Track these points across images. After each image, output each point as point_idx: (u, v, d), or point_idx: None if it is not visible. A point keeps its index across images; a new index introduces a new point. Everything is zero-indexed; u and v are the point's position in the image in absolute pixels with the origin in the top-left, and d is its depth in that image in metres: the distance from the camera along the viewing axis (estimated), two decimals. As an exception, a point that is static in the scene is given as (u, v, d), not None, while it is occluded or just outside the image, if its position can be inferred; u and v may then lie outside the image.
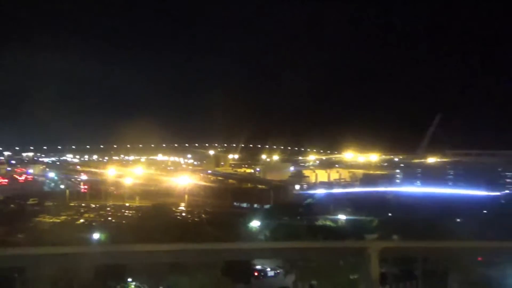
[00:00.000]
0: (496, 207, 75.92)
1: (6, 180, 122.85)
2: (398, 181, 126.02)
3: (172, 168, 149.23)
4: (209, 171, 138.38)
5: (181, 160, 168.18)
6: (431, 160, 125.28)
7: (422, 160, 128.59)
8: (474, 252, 5.21)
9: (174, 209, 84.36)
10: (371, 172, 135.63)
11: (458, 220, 59.27)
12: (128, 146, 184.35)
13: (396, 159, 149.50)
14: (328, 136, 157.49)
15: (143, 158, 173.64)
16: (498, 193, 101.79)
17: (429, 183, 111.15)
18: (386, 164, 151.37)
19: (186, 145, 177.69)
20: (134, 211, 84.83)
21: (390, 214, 67.57)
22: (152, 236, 44.65)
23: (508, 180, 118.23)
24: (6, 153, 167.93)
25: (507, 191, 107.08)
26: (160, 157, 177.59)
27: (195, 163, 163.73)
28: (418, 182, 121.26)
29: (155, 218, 63.96)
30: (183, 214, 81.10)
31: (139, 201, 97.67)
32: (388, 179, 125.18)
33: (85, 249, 5.16)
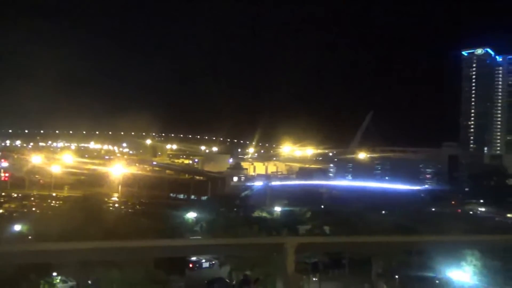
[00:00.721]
0: (416, 201, 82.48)
1: None
2: (331, 175, 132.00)
3: (105, 157, 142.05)
4: (145, 161, 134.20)
5: (116, 148, 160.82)
6: (362, 155, 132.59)
7: (354, 156, 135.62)
8: (391, 245, 5.55)
9: (106, 199, 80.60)
10: (307, 165, 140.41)
11: (384, 212, 63.54)
12: (57, 132, 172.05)
13: (330, 154, 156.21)
14: (266, 129, 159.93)
15: (73, 146, 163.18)
16: (418, 188, 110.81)
17: (359, 177, 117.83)
18: (321, 158, 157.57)
19: (122, 133, 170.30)
20: (61, 202, 79.54)
21: (322, 206, 70.48)
22: (81, 228, 42.30)
23: (427, 176, 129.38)
24: None
25: (426, 186, 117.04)
26: (92, 145, 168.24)
27: (131, 152, 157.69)
28: (349, 176, 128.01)
29: (85, 209, 60.59)
30: (116, 205, 77.77)
31: (68, 191, 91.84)
32: (323, 173, 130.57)
33: (6, 249, 4.63)
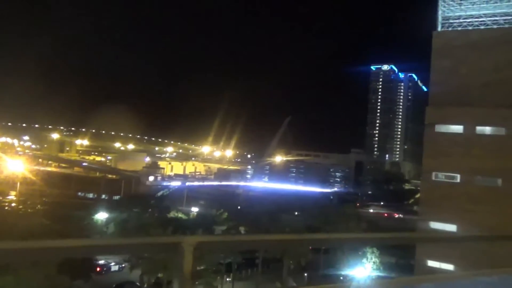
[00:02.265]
0: (326, 202, 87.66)
1: None
2: (249, 176, 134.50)
3: (1, 149, 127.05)
4: (50, 156, 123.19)
5: (15, 141, 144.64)
6: (278, 158, 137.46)
7: (271, 158, 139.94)
8: (296, 243, 5.77)
9: (0, 198, 72.25)
10: (225, 166, 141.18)
11: (296, 213, 66.41)
12: None
13: (249, 156, 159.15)
14: (186, 129, 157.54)
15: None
16: (328, 190, 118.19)
17: (275, 179, 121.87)
18: (239, 160, 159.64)
19: (23, 125, 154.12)
20: None
21: (239, 207, 71.37)
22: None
23: (336, 179, 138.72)
24: None
25: (335, 189, 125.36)
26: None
27: (33, 146, 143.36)
28: (266, 178, 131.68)
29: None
30: (13, 204, 70.02)
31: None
32: (240, 174, 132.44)
33: None
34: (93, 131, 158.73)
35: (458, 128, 40.80)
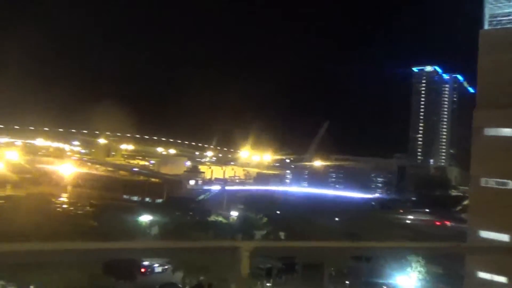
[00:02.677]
0: (367, 208, 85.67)
1: None
2: (287, 181, 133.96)
3: (54, 154, 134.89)
4: (98, 161, 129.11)
5: (66, 146, 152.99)
6: (317, 163, 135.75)
7: (310, 163, 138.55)
8: (342, 251, 5.77)
9: (53, 200, 76.56)
10: (264, 171, 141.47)
11: (337, 219, 65.36)
12: (1, 126, 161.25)
13: (287, 160, 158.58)
14: (225, 134, 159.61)
15: (18, 142, 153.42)
16: (370, 196, 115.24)
17: (315, 184, 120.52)
18: (278, 164, 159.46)
19: (73, 130, 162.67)
20: (2, 201, 74.42)
21: (278, 212, 71.32)
22: (24, 230, 39.94)
23: (378, 185, 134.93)
24: None
25: (376, 194, 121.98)
26: (40, 141, 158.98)
27: (82, 151, 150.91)
28: (305, 182, 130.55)
29: (29, 210, 57.21)
30: (64, 206, 74.05)
31: (11, 189, 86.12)
32: (279, 179, 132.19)
33: None
34: (137, 136, 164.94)
35: (509, 131, 38.64)
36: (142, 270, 44.87)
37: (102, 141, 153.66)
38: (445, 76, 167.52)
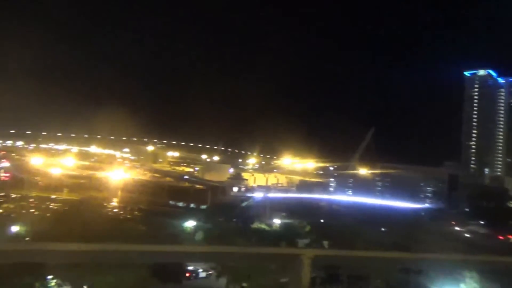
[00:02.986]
0: (416, 219, 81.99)
1: None
2: (331, 189, 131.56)
3: (106, 161, 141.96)
4: (146, 167, 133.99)
5: (117, 153, 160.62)
6: (362, 171, 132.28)
7: (354, 171, 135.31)
8: (395, 262, 5.57)
9: (105, 204, 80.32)
10: (307, 178, 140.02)
11: (383, 229, 63.15)
12: (59, 134, 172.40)
13: (331, 168, 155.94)
14: (268, 141, 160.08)
15: (74, 149, 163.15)
16: (418, 206, 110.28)
17: (360, 192, 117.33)
18: (321, 172, 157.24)
19: (123, 138, 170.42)
20: (60, 204, 79.25)
21: (322, 221, 70.17)
22: (78, 232, 42.11)
23: (428, 194, 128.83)
24: None
25: (426, 204, 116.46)
26: (93, 148, 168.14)
27: (132, 157, 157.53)
28: (349, 191, 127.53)
29: (83, 213, 60.45)
30: (115, 210, 77.46)
31: (67, 193, 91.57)
32: (323, 187, 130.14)
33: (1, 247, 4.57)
34: (183, 143, 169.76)
35: None
36: (187, 274, 45.74)
37: (150, 148, 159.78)
38: (500, 80, 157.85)
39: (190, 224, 62.26)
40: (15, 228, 51.27)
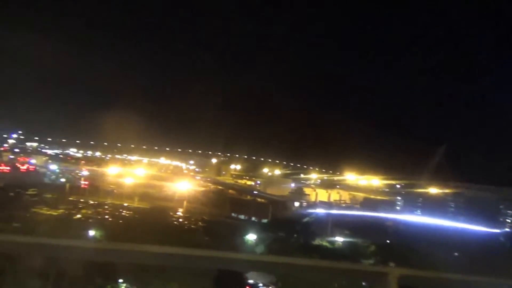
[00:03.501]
0: (494, 245, 74.92)
1: (8, 168, 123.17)
2: (398, 208, 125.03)
3: (173, 172, 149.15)
4: (210, 179, 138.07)
5: (183, 165, 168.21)
6: (433, 190, 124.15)
7: (424, 189, 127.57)
8: (484, 285, 5.10)
9: (171, 213, 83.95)
10: (372, 196, 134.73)
11: (456, 254, 58.40)
12: (132, 146, 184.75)
13: (398, 186, 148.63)
14: (330, 155, 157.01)
15: (145, 160, 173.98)
16: (497, 230, 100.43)
17: (430, 213, 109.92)
18: (387, 189, 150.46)
19: (189, 150, 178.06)
20: (131, 212, 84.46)
21: (388, 241, 66.85)
22: (146, 239, 44.33)
23: (508, 219, 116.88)
24: (10, 140, 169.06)
25: (506, 229, 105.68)
26: (162, 160, 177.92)
27: (197, 169, 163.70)
28: (418, 211, 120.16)
29: (151, 221, 63.68)
30: (180, 220, 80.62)
31: (138, 202, 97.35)
32: (389, 205, 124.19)
33: (75, 243, 4.99)
34: (245, 157, 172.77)
35: None
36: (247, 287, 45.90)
37: (213, 160, 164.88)
38: None
39: (251, 237, 62.71)
40: (92, 232, 55.49)
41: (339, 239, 68.68)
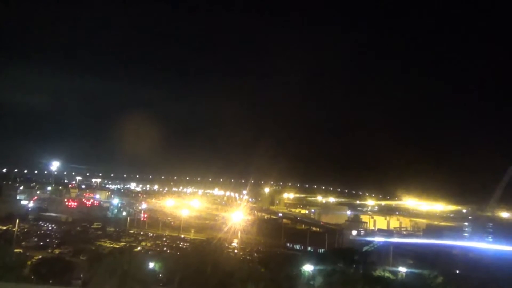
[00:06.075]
0: None
1: (76, 203, 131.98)
2: (466, 234, 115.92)
3: (227, 203, 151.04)
4: (264, 209, 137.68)
5: (237, 195, 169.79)
6: (505, 214, 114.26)
7: (494, 214, 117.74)
8: None
9: (227, 245, 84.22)
10: (436, 222, 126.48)
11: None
12: (187, 178, 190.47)
13: (464, 211, 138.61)
14: (387, 181, 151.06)
15: (200, 191, 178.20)
16: None
17: (502, 239, 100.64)
18: (452, 215, 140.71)
19: (242, 181, 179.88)
20: (188, 244, 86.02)
21: (457, 271, 61.86)
22: (204, 272, 44.69)
23: None
24: (77, 177, 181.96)
25: None
26: (216, 191, 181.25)
27: (250, 199, 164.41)
28: (489, 237, 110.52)
29: (207, 252, 64.13)
30: (236, 251, 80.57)
31: (194, 233, 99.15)
32: (455, 232, 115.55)
33: None
34: (298, 185, 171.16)
35: None
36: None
37: (266, 190, 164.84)
38: None
39: (307, 268, 60.90)
40: (151, 265, 56.90)
41: (402, 270, 64.55)
